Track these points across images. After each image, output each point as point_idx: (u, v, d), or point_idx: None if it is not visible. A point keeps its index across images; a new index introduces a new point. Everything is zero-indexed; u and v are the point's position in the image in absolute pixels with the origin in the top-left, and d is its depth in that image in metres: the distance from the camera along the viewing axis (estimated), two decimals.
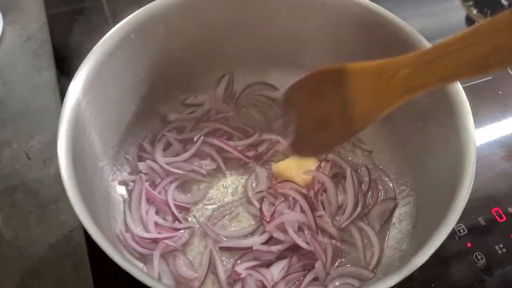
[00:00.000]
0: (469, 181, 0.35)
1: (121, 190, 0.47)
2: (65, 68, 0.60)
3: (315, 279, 0.43)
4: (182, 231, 0.45)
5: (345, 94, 0.36)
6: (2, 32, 0.62)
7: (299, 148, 0.43)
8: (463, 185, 0.35)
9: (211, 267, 0.44)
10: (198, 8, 0.46)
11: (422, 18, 0.71)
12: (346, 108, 0.36)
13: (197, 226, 0.46)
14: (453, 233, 0.47)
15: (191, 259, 0.44)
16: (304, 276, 0.43)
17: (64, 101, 0.38)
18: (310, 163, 0.49)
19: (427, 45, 0.41)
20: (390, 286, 0.31)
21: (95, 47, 0.40)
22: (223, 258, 0.44)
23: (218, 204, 0.48)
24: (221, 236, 0.45)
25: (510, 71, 0.60)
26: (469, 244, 0.47)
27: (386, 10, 0.44)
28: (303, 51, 0.50)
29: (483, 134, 0.55)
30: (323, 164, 0.49)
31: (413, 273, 0.44)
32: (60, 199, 0.50)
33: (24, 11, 0.66)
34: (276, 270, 0.43)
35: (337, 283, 0.42)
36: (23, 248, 0.47)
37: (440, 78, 0.29)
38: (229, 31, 0.49)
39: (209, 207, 0.48)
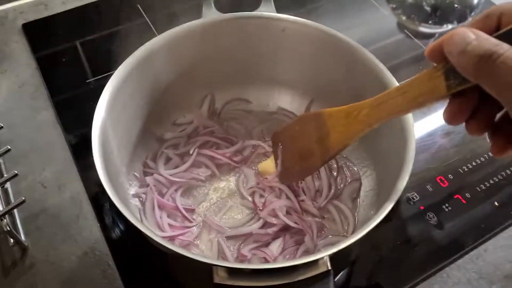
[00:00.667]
0: (412, 152, 0.46)
1: (135, 202, 0.55)
2: (62, 106, 0.67)
3: (306, 250, 0.53)
4: (192, 228, 0.54)
5: (322, 130, 0.49)
6: None
7: (287, 177, 0.56)
8: (408, 155, 0.45)
9: (220, 254, 0.53)
10: (180, 46, 0.56)
11: (358, 28, 0.82)
12: (323, 141, 0.50)
13: (203, 222, 0.55)
14: (408, 200, 0.58)
15: (203, 248, 0.53)
16: (297, 249, 0.52)
17: (93, 122, 0.46)
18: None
19: (372, 57, 0.53)
20: (358, 238, 0.40)
21: (108, 82, 0.49)
22: (229, 245, 0.53)
23: (217, 202, 0.57)
24: (224, 227, 0.54)
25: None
26: (421, 207, 0.58)
27: (333, 30, 0.56)
28: (273, 69, 0.60)
29: (427, 121, 0.67)
30: None
31: (381, 234, 0.55)
32: (80, 218, 0.57)
33: (14, 59, 0.73)
34: (274, 247, 0.52)
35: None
36: (55, 264, 0.54)
37: (388, 114, 0.42)
38: (207, 58, 0.59)
39: (210, 205, 0.57)
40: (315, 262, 0.38)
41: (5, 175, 0.54)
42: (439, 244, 0.55)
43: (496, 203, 0.59)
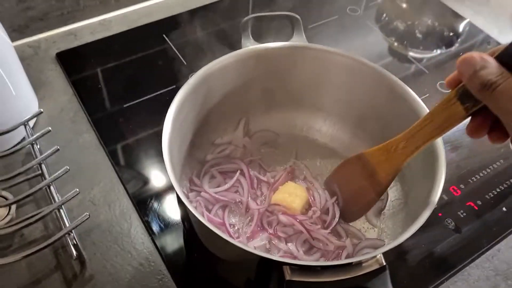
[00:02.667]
0: (444, 166, 0.52)
1: None
2: (103, 127, 0.72)
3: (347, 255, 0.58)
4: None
5: (369, 168, 0.55)
6: (40, 109, 0.73)
7: (348, 217, 0.61)
8: (439, 171, 0.51)
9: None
10: (225, 72, 0.61)
11: (352, 51, 0.91)
12: (373, 177, 0.55)
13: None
14: None
15: None
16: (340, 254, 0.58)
17: (162, 137, 0.52)
18: (301, 191, 0.62)
19: (415, 96, 0.59)
20: (396, 245, 0.46)
21: (170, 106, 0.54)
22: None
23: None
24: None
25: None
26: (440, 214, 0.65)
27: (362, 58, 0.63)
28: (304, 94, 0.67)
29: None
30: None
31: (407, 238, 0.61)
32: (131, 232, 0.62)
33: (51, 86, 0.78)
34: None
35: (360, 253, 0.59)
36: (114, 274, 0.58)
37: (423, 142, 0.49)
38: (245, 85, 0.65)
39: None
40: (372, 259, 0.44)
41: (59, 197, 0.59)
42: (459, 246, 0.62)
43: (504, 209, 0.66)
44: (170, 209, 0.63)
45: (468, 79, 0.40)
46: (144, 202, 0.64)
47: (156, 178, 0.67)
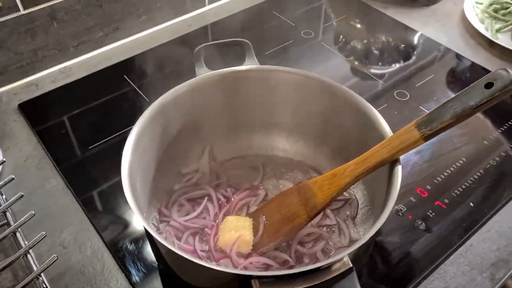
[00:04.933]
0: (400, 173, 0.53)
1: None
2: (69, 171, 0.72)
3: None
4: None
5: (307, 194, 0.57)
6: (3, 158, 0.73)
7: (263, 245, 0.58)
8: (396, 175, 0.52)
9: None
10: (179, 103, 0.63)
11: (323, 73, 0.92)
12: (308, 201, 0.57)
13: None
14: (397, 212, 0.66)
15: None
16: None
17: (122, 172, 0.52)
18: (243, 220, 0.61)
19: (364, 102, 0.61)
20: (356, 247, 0.46)
21: (128, 138, 0.55)
22: None
23: None
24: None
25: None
26: (410, 216, 0.66)
27: (314, 73, 0.65)
28: (265, 114, 0.69)
29: None
30: None
31: (380, 243, 0.62)
32: (104, 271, 0.61)
33: (15, 137, 0.78)
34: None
35: None
36: None
37: (374, 164, 0.53)
38: (205, 113, 0.66)
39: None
40: (337, 262, 0.44)
41: (26, 243, 0.58)
42: (432, 245, 0.63)
43: (471, 204, 0.67)
44: (143, 244, 0.63)
45: None
46: (116, 239, 0.64)
47: (126, 214, 0.66)
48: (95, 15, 0.90)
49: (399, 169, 0.52)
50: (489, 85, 0.49)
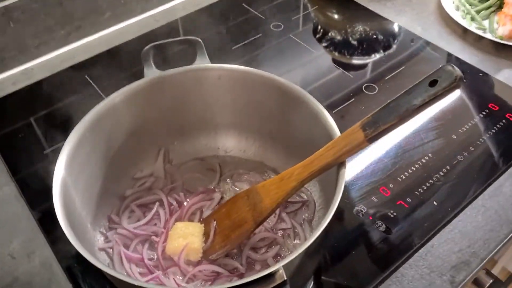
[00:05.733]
0: (343, 177, 0.50)
1: (103, 256, 0.58)
2: (22, 180, 0.70)
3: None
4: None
5: (256, 199, 0.55)
6: None
7: (214, 252, 0.56)
8: (340, 179, 0.50)
9: None
10: (126, 106, 0.61)
11: (299, 69, 0.90)
12: (256, 207, 0.55)
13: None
14: (357, 213, 0.64)
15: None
16: None
17: (53, 183, 0.50)
18: (193, 226, 0.58)
19: (302, 91, 0.59)
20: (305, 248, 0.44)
21: (64, 145, 0.53)
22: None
23: None
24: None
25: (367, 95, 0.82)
26: (370, 217, 0.63)
27: (263, 71, 0.62)
28: (217, 115, 0.66)
29: None
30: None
31: (336, 245, 0.60)
32: (52, 282, 0.59)
33: None
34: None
35: None
36: None
37: (319, 168, 0.51)
38: (154, 114, 0.64)
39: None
40: (271, 275, 0.42)
41: None
42: (390, 247, 0.60)
43: (435, 203, 0.65)
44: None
45: None
46: (66, 250, 0.61)
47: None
48: (55, 14, 0.87)
49: (343, 173, 0.50)
50: (433, 83, 0.46)
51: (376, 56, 0.91)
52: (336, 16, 1.05)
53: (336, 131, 0.53)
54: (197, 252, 0.57)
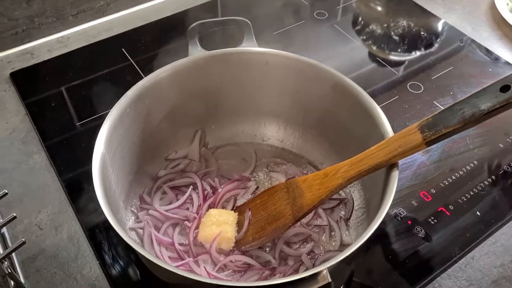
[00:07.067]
0: (396, 179, 0.47)
1: (133, 236, 0.56)
2: (53, 149, 0.69)
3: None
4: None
5: (296, 192, 0.52)
6: None
7: (247, 243, 0.54)
8: (392, 182, 0.47)
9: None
10: (169, 84, 0.59)
11: (334, 59, 0.86)
12: (295, 201, 0.52)
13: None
14: (395, 216, 0.61)
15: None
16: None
17: (93, 157, 0.48)
18: (226, 214, 0.56)
19: (357, 87, 0.56)
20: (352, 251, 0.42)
21: (105, 120, 0.51)
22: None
23: None
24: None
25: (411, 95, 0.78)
26: (409, 222, 0.61)
27: (314, 60, 0.59)
28: (259, 100, 0.64)
29: None
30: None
31: (373, 249, 0.57)
32: (78, 257, 0.58)
33: (3, 107, 0.75)
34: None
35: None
36: None
37: (368, 167, 0.48)
38: (195, 95, 0.62)
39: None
40: (315, 275, 0.40)
41: (0, 220, 0.55)
42: (429, 255, 0.58)
43: (478, 213, 0.62)
44: None
45: None
46: (94, 225, 0.60)
47: None
48: None
49: (395, 175, 0.47)
50: (505, 88, 0.43)
51: (417, 54, 0.87)
52: (379, 8, 1.01)
53: (390, 131, 0.51)
54: (230, 242, 0.55)
